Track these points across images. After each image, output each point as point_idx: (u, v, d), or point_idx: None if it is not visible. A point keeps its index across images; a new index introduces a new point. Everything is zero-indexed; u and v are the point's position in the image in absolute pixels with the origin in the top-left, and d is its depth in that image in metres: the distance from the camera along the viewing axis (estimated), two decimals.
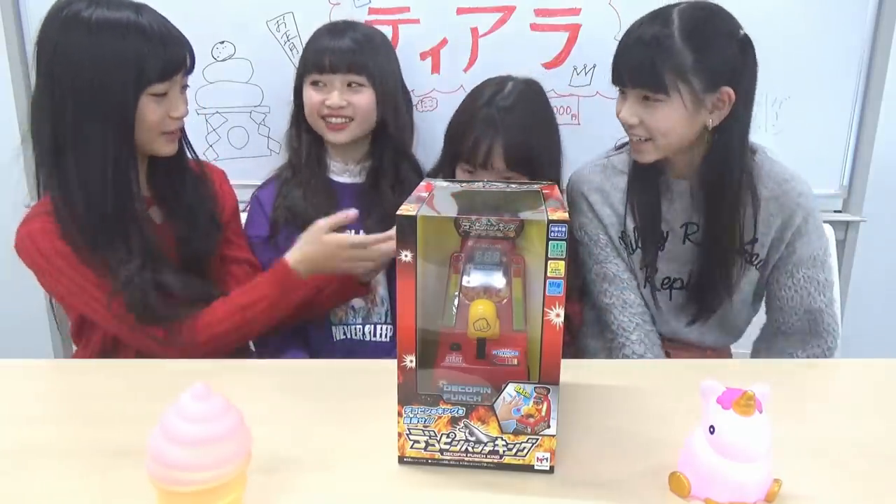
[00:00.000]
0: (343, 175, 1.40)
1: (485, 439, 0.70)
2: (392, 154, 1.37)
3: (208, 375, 0.65)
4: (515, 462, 0.71)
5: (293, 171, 1.38)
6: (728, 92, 1.09)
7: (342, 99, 1.30)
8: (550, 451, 0.71)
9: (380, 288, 1.38)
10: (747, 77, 1.12)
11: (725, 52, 1.10)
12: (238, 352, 1.27)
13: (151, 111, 1.06)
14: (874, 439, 0.80)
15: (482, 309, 0.70)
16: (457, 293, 0.73)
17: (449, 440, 0.71)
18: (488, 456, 0.71)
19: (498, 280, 0.72)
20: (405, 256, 0.66)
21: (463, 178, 1.26)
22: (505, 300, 0.72)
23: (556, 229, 0.65)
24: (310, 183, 1.36)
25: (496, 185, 0.85)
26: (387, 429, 0.74)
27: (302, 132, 1.38)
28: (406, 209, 0.67)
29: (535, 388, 0.69)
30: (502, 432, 0.70)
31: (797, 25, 1.53)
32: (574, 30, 1.53)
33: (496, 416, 0.70)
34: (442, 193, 0.79)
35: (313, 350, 1.37)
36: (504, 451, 0.71)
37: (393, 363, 0.70)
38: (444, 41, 1.54)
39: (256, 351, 1.33)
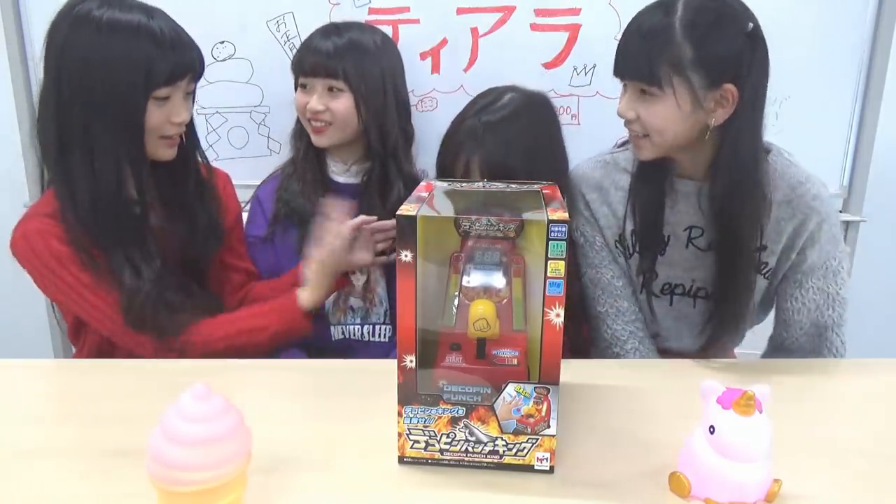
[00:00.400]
0: (343, 175, 1.40)
1: (485, 439, 0.70)
2: (380, 158, 1.36)
3: (208, 375, 0.65)
4: (515, 462, 0.71)
5: (294, 167, 1.39)
6: (731, 90, 1.02)
7: (320, 103, 1.30)
8: (550, 451, 0.71)
9: (378, 288, 1.38)
10: (755, 74, 1.03)
11: (730, 47, 1.02)
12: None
13: (153, 115, 1.06)
14: (874, 439, 0.80)
15: (482, 309, 0.70)
16: (457, 293, 0.73)
17: (449, 440, 0.71)
18: (488, 456, 0.71)
19: (498, 280, 0.72)
20: (405, 256, 0.66)
21: None
22: (505, 300, 0.72)
23: (556, 229, 0.65)
24: (310, 180, 1.36)
25: (496, 186, 0.85)
26: (387, 429, 0.74)
27: (303, 130, 1.39)
28: (406, 209, 0.67)
29: (535, 388, 0.69)
30: (502, 432, 0.70)
31: (797, 25, 1.52)
32: (574, 30, 1.53)
33: (496, 416, 0.70)
34: (442, 193, 0.79)
35: (312, 350, 1.37)
36: (504, 451, 0.71)
37: (392, 363, 0.70)
38: (444, 41, 1.54)
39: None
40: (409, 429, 0.71)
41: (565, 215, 0.66)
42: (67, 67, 1.03)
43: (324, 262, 1.19)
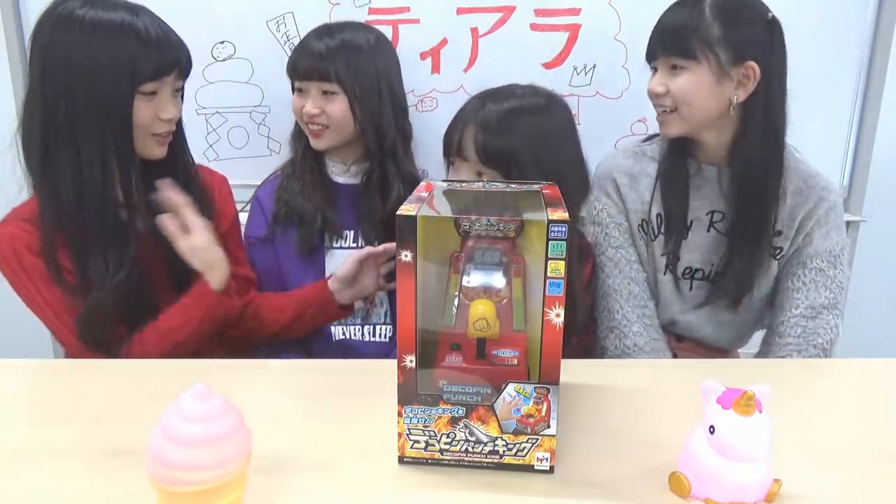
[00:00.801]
0: (343, 176, 1.40)
1: (485, 439, 0.70)
2: (378, 159, 1.36)
3: (208, 375, 0.65)
4: (515, 462, 0.71)
5: (294, 168, 1.39)
6: (753, 67, 1.14)
7: (315, 107, 1.30)
8: (550, 451, 0.71)
9: None
10: (775, 57, 1.17)
11: (752, 29, 1.15)
12: (237, 352, 1.27)
13: (141, 111, 1.05)
14: (874, 439, 0.80)
15: (482, 309, 0.70)
16: (457, 293, 0.73)
17: (449, 440, 0.71)
18: (488, 456, 0.71)
19: (498, 280, 0.72)
20: (405, 256, 0.66)
21: (453, 176, 1.22)
22: (505, 300, 0.72)
23: (556, 229, 0.65)
24: (308, 179, 1.36)
25: (496, 185, 0.85)
26: (387, 429, 0.74)
27: (303, 131, 1.39)
28: (406, 209, 0.67)
29: (535, 389, 0.69)
30: (502, 432, 0.70)
31: (797, 25, 1.52)
32: (574, 30, 1.53)
33: (496, 416, 0.70)
34: (442, 193, 0.79)
35: (312, 350, 1.37)
36: (504, 451, 0.71)
37: (392, 363, 0.70)
38: (444, 41, 1.54)
39: (255, 351, 1.33)
40: (409, 429, 0.71)
41: (565, 215, 0.66)
42: (51, 67, 1.02)
43: (194, 248, 1.11)
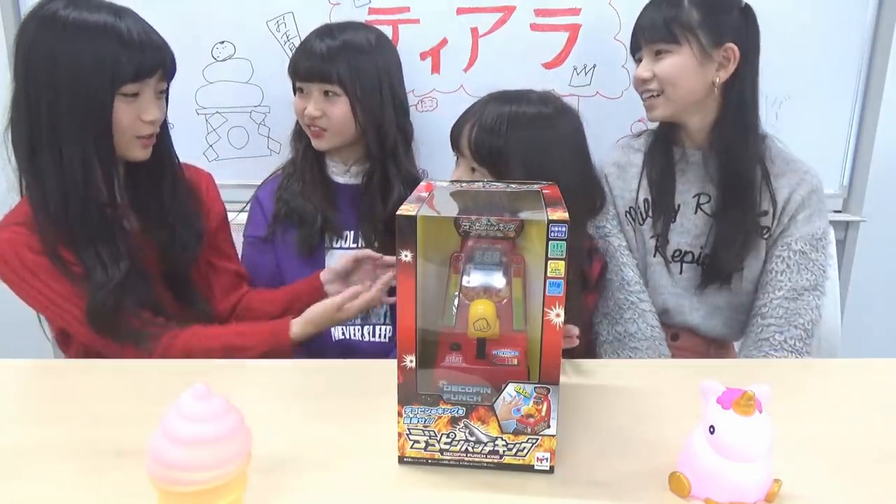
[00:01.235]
0: (343, 176, 1.40)
1: (485, 439, 0.70)
2: (380, 160, 1.36)
3: (208, 375, 0.65)
4: (515, 462, 0.71)
5: (295, 168, 1.39)
6: (732, 48, 1.20)
7: (317, 109, 1.30)
8: (550, 451, 0.71)
9: None
10: (750, 37, 1.22)
11: (728, 15, 1.21)
12: None
13: (123, 113, 1.05)
14: (874, 439, 0.80)
15: (482, 309, 0.70)
16: (457, 293, 0.73)
17: (449, 440, 0.71)
18: (488, 456, 0.71)
19: (498, 280, 0.72)
20: (405, 256, 0.66)
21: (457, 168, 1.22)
22: (505, 300, 0.72)
23: (556, 229, 0.65)
24: (308, 180, 1.36)
25: (496, 186, 0.85)
26: (387, 429, 0.74)
27: (303, 131, 1.39)
28: (406, 209, 0.67)
29: (536, 389, 0.69)
30: (502, 432, 0.70)
31: (797, 25, 1.53)
32: (574, 30, 1.53)
33: (496, 416, 0.70)
34: (442, 193, 0.79)
35: (311, 350, 1.37)
36: (504, 451, 0.71)
37: (392, 363, 0.70)
38: (444, 41, 1.54)
39: None
40: (409, 429, 0.71)
41: (565, 215, 0.66)
42: (34, 67, 1.02)
43: (337, 314, 1.18)
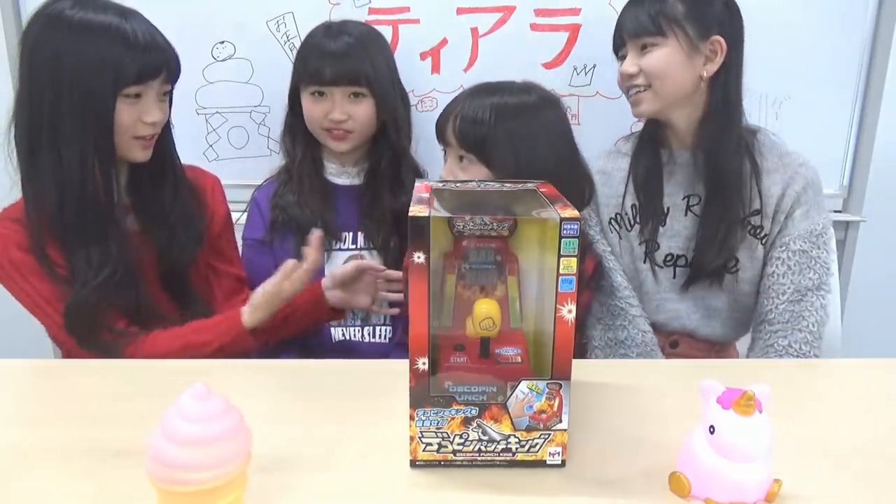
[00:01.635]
0: (341, 177, 1.40)
1: (498, 437, 0.70)
2: (391, 155, 1.37)
3: (208, 375, 0.65)
4: (528, 458, 0.71)
5: (290, 174, 1.38)
6: (720, 41, 1.18)
7: (342, 112, 1.29)
8: (562, 446, 0.71)
9: None
10: (735, 30, 1.21)
11: (712, 7, 1.20)
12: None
13: (124, 113, 1.05)
14: (874, 439, 0.80)
15: (486, 308, 0.70)
16: (452, 293, 0.73)
17: (462, 441, 0.71)
18: (501, 454, 0.71)
19: (493, 279, 0.72)
20: (418, 258, 0.65)
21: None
22: (500, 299, 0.72)
23: (569, 226, 0.65)
24: (306, 184, 1.36)
25: (490, 185, 0.85)
26: (387, 429, 0.74)
27: (298, 135, 1.38)
28: (417, 210, 0.66)
29: (548, 385, 0.69)
30: (515, 429, 0.70)
31: (797, 25, 1.53)
32: (574, 30, 1.53)
33: (509, 414, 0.69)
34: (437, 194, 0.79)
35: (311, 351, 1.37)
36: (517, 449, 0.71)
37: (392, 363, 0.70)
38: (444, 41, 1.54)
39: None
40: (422, 432, 0.70)
41: (576, 213, 0.66)
42: (38, 66, 1.03)
43: (280, 293, 1.14)
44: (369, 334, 1.40)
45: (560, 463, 0.72)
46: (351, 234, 1.39)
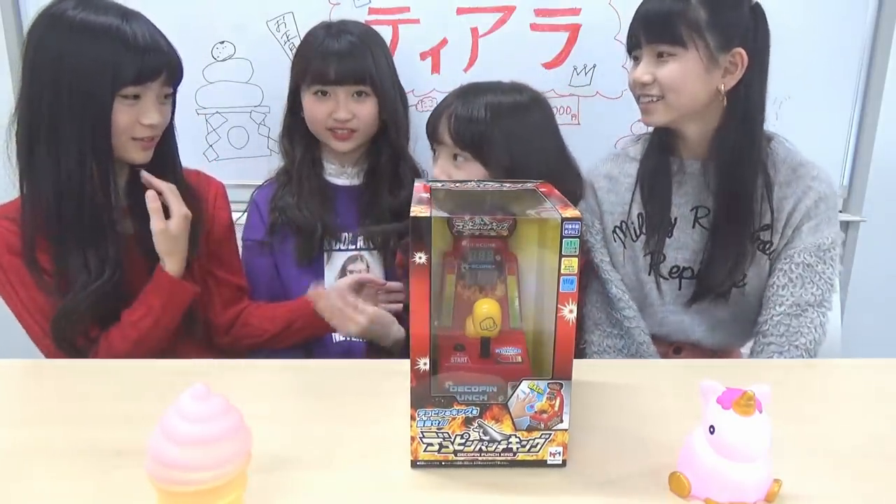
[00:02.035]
0: (340, 177, 1.40)
1: (499, 437, 0.70)
2: (390, 155, 1.37)
3: (208, 375, 0.65)
4: (529, 458, 0.71)
5: (289, 176, 1.38)
6: (741, 53, 1.10)
7: (347, 111, 1.29)
8: (563, 446, 0.71)
9: None
10: (760, 42, 1.13)
11: (738, 15, 1.11)
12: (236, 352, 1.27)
13: (122, 114, 1.05)
14: (874, 439, 0.80)
15: (487, 308, 0.70)
16: (452, 293, 0.73)
17: (463, 441, 0.71)
18: (502, 454, 0.71)
19: (492, 279, 0.72)
20: (419, 259, 0.65)
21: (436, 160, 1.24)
22: (500, 299, 0.72)
23: (570, 226, 0.65)
24: (305, 186, 1.36)
25: (490, 185, 0.85)
26: (388, 429, 0.74)
27: (297, 136, 1.38)
28: (418, 210, 0.66)
29: (549, 385, 0.69)
30: (516, 429, 0.70)
31: (797, 25, 1.53)
32: (574, 30, 1.53)
33: (510, 414, 0.69)
34: (436, 194, 0.79)
35: (311, 352, 1.37)
36: (517, 449, 0.71)
37: (392, 363, 0.70)
38: (444, 41, 1.54)
39: (254, 352, 1.33)
40: (423, 432, 0.70)
41: (577, 213, 0.66)
42: (39, 65, 1.03)
43: (166, 231, 1.10)
44: None
45: (561, 463, 0.72)
46: (350, 235, 1.38)
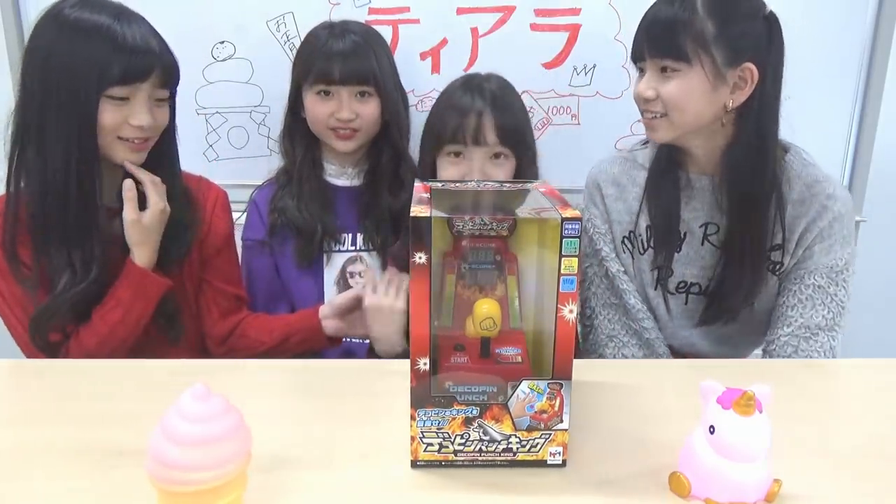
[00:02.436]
0: (340, 178, 1.39)
1: (499, 437, 0.70)
2: (391, 155, 1.37)
3: (208, 375, 0.65)
4: (529, 458, 0.71)
5: (289, 176, 1.38)
6: (751, 68, 1.05)
7: (350, 111, 1.29)
8: (563, 446, 0.71)
9: None
10: (773, 55, 1.07)
11: (750, 27, 1.06)
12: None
13: (108, 115, 1.04)
14: (874, 439, 0.80)
15: (487, 308, 0.70)
16: (452, 293, 0.73)
17: (463, 441, 0.71)
18: (502, 454, 0.71)
19: (492, 279, 0.72)
20: (419, 259, 0.65)
21: (447, 170, 1.23)
22: (500, 299, 0.72)
23: (570, 227, 0.65)
24: (305, 187, 1.35)
25: (489, 185, 0.85)
26: (388, 429, 0.74)
27: (297, 136, 1.38)
28: (418, 210, 0.66)
29: (549, 385, 0.69)
30: (516, 429, 0.70)
31: (797, 25, 1.52)
32: (574, 30, 1.53)
33: (510, 414, 0.69)
34: (436, 195, 0.79)
35: (312, 353, 1.37)
36: (517, 448, 0.71)
37: (392, 363, 0.70)
38: (444, 41, 1.54)
39: None
40: (423, 432, 0.70)
41: (577, 213, 0.66)
42: (33, 63, 1.04)
43: (137, 223, 1.08)
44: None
45: (561, 463, 0.72)
46: (350, 236, 1.38)
